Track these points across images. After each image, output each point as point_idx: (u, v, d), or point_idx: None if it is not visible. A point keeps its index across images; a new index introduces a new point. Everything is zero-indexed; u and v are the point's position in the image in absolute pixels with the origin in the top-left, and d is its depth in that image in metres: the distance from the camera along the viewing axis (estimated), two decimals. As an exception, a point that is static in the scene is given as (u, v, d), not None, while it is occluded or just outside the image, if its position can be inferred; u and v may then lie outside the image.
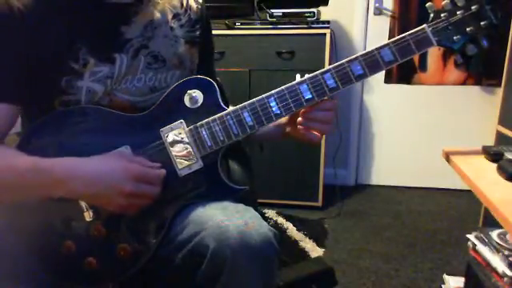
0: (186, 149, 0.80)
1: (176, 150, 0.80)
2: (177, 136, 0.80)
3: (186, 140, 0.80)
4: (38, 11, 0.76)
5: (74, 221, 0.79)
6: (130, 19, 0.83)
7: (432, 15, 0.76)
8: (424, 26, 0.75)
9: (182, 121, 0.80)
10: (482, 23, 0.75)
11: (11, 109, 0.78)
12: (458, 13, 0.75)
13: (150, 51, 0.85)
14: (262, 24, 2.19)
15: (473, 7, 0.74)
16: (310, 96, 0.78)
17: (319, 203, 2.32)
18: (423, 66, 2.51)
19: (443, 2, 0.76)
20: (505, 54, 1.76)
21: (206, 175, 0.81)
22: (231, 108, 0.81)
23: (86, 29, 0.80)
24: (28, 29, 0.75)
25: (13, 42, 0.75)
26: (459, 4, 0.75)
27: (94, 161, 0.74)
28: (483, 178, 0.96)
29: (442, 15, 0.75)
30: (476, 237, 1.27)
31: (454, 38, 0.76)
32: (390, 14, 2.48)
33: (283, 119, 0.87)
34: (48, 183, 0.72)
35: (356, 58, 0.77)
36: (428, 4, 0.77)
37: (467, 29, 0.75)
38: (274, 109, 0.79)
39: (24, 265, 0.76)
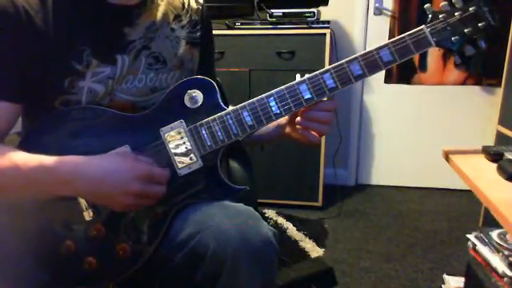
0: (186, 148, 0.80)
1: (176, 150, 0.80)
2: (177, 136, 0.80)
3: (186, 140, 0.80)
4: (43, 11, 0.76)
5: (74, 221, 0.79)
6: (133, 21, 0.84)
7: (430, 16, 0.76)
8: (422, 26, 0.76)
9: (181, 120, 0.80)
10: (479, 24, 0.75)
11: (12, 107, 0.78)
12: (455, 14, 0.76)
13: (151, 52, 0.86)
14: (262, 24, 2.19)
15: (470, 8, 0.75)
16: (309, 96, 0.79)
17: (319, 203, 2.32)
18: (423, 66, 2.51)
19: (441, 4, 0.76)
20: (505, 54, 1.76)
21: (206, 175, 0.81)
22: (231, 108, 0.81)
23: (90, 30, 0.80)
24: (33, 28, 0.75)
25: (17, 41, 0.75)
26: (457, 5, 0.75)
27: (99, 160, 0.73)
28: (483, 178, 0.96)
29: (441, 16, 0.76)
30: (476, 237, 1.27)
31: (452, 38, 0.76)
32: (389, 14, 2.48)
33: (283, 120, 0.87)
34: (53, 183, 0.72)
35: (355, 58, 0.77)
36: (426, 5, 0.77)
37: (465, 30, 0.76)
38: (273, 109, 0.79)
39: (23, 265, 0.76)
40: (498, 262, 1.15)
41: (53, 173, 0.71)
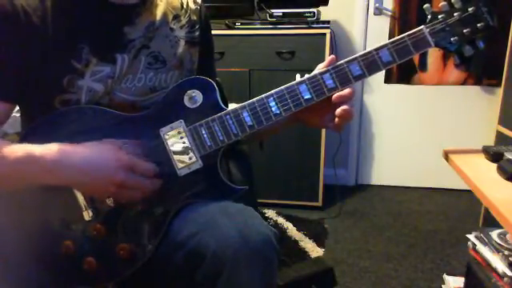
0: (186, 148, 0.80)
1: (175, 150, 0.80)
2: (176, 136, 0.80)
3: (186, 140, 0.80)
4: (42, 10, 0.76)
5: (73, 220, 0.79)
6: (133, 20, 0.84)
7: (429, 17, 0.76)
8: (422, 27, 0.76)
9: (181, 120, 0.80)
10: (478, 25, 0.75)
11: (5, 106, 0.78)
12: (454, 14, 0.76)
13: (150, 51, 0.86)
14: (262, 24, 2.19)
15: (469, 9, 0.75)
16: (309, 96, 0.79)
17: (319, 203, 2.32)
18: (423, 65, 2.51)
19: (440, 4, 0.76)
20: (505, 54, 1.77)
21: (206, 175, 0.81)
22: (231, 108, 0.81)
23: (90, 29, 0.80)
24: (31, 27, 0.75)
25: (15, 40, 0.75)
26: (456, 6, 0.76)
27: (84, 148, 0.74)
28: (483, 178, 0.96)
29: (440, 17, 0.76)
30: (476, 237, 1.27)
31: (451, 39, 0.76)
32: (389, 14, 2.48)
33: None
34: (39, 171, 0.72)
35: (355, 59, 0.77)
36: (425, 6, 0.77)
37: (464, 30, 0.76)
38: (273, 109, 0.79)
39: (23, 265, 0.76)
40: (498, 262, 1.15)
41: (38, 161, 0.71)
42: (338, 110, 0.78)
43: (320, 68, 0.80)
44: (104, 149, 0.74)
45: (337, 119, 0.79)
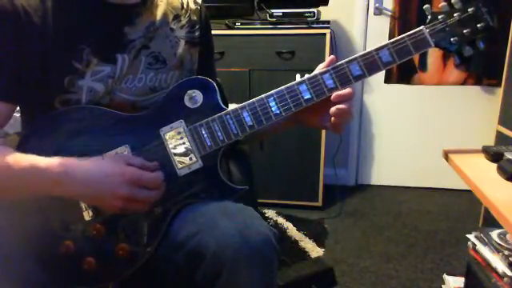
0: (186, 148, 0.80)
1: (175, 150, 0.80)
2: (176, 136, 0.80)
3: (186, 140, 0.80)
4: (42, 10, 0.76)
5: (73, 220, 0.79)
6: (133, 20, 0.84)
7: (429, 17, 0.77)
8: (422, 27, 0.76)
9: (181, 120, 0.80)
10: (478, 25, 0.75)
11: (5, 107, 0.78)
12: (454, 15, 0.76)
13: (150, 52, 0.86)
14: (262, 24, 2.19)
15: (469, 9, 0.75)
16: (309, 96, 0.79)
17: (319, 203, 2.32)
18: (423, 66, 2.51)
19: (440, 4, 0.77)
20: (505, 54, 1.77)
21: (206, 175, 0.81)
22: (231, 108, 0.81)
23: (91, 29, 0.80)
24: (32, 27, 0.75)
25: (15, 40, 0.75)
26: (456, 6, 0.76)
27: (90, 162, 0.74)
28: (483, 178, 0.97)
29: (440, 17, 0.76)
30: (476, 237, 1.27)
31: (451, 39, 0.76)
32: (390, 14, 2.48)
33: None
34: (44, 184, 0.72)
35: (355, 59, 0.77)
36: (425, 6, 0.77)
37: (464, 31, 0.76)
38: (273, 109, 0.79)
39: (23, 265, 0.76)
40: (498, 262, 1.15)
41: (44, 174, 0.71)
42: (333, 109, 0.77)
43: (320, 68, 0.80)
44: (110, 163, 0.74)
45: (333, 118, 0.79)
